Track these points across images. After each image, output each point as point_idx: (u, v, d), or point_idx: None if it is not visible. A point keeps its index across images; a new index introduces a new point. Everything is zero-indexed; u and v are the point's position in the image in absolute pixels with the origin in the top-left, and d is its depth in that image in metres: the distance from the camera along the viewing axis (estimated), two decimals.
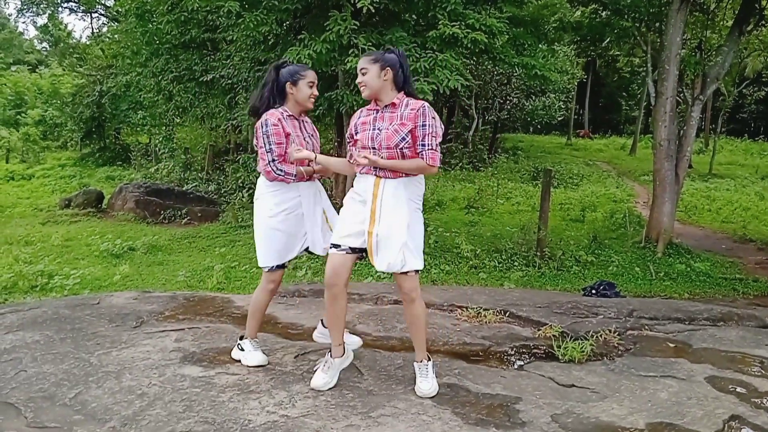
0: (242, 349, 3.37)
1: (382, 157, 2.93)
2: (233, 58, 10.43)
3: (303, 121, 3.31)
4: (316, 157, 3.18)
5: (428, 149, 2.93)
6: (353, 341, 3.40)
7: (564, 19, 12.83)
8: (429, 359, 3.11)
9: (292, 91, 3.18)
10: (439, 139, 2.98)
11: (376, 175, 2.98)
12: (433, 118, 2.96)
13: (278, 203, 3.19)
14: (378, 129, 2.98)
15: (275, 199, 3.20)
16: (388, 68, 2.98)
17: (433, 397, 2.99)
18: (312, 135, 3.33)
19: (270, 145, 3.13)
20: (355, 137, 3.07)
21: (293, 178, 3.16)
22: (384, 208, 2.94)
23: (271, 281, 3.28)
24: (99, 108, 23.11)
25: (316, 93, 3.23)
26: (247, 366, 3.30)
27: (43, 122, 25.69)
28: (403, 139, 2.93)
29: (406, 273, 2.96)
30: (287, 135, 3.14)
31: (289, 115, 3.22)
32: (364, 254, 3.02)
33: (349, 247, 2.99)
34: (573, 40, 16.25)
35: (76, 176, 20.56)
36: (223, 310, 4.46)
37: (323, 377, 3.06)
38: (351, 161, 3.06)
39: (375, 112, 3.06)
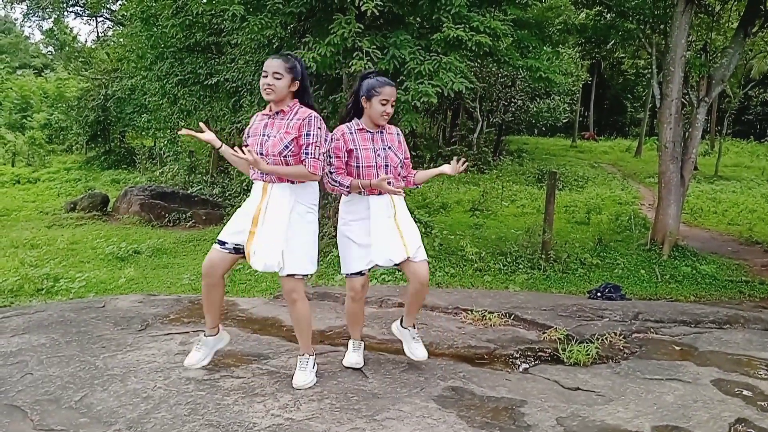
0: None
1: (267, 163, 3.00)
2: (238, 61, 10.45)
3: (377, 133, 3.28)
4: (221, 146, 3.26)
5: (310, 158, 3.03)
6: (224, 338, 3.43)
7: (568, 21, 12.80)
8: (312, 355, 3.24)
9: (366, 105, 3.23)
10: (323, 149, 3.07)
11: (263, 179, 3.09)
12: (319, 128, 3.05)
13: (347, 212, 3.29)
14: (266, 135, 3.07)
15: (345, 208, 3.31)
16: (298, 81, 3.08)
17: (307, 388, 3.10)
18: (388, 147, 3.27)
19: (330, 158, 3.21)
20: (246, 142, 3.18)
21: (346, 189, 3.21)
22: (268, 212, 3.04)
23: (350, 288, 3.33)
24: (104, 111, 23.17)
25: (390, 111, 3.20)
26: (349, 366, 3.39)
27: (48, 126, 25.78)
28: (287, 147, 3.01)
29: (288, 276, 3.06)
30: (349, 151, 3.20)
31: (360, 129, 3.25)
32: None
33: (234, 245, 3.10)
34: (577, 42, 16.25)
35: (82, 180, 20.60)
36: (228, 313, 4.47)
37: (197, 355, 3.22)
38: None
39: (267, 117, 3.13)
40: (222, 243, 3.11)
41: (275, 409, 2.86)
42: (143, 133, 23.07)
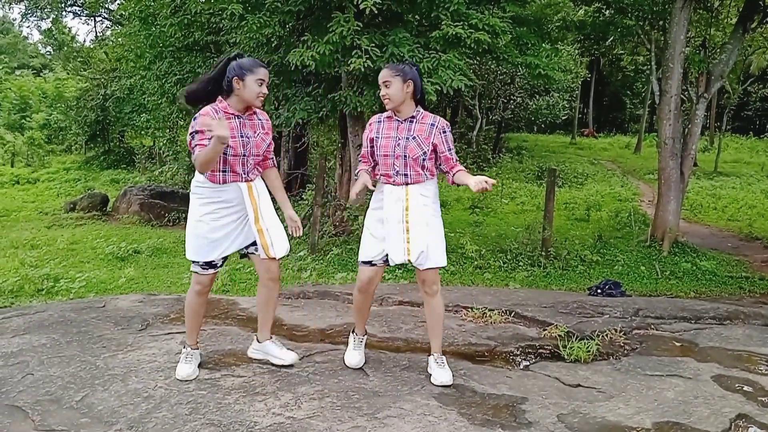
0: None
1: (251, 162, 3.12)
2: None
3: (406, 122, 3.15)
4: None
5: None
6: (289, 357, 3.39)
7: (567, 18, 12.79)
8: (271, 338, 3.36)
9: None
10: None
11: (246, 180, 3.12)
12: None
13: (373, 199, 3.32)
14: (246, 137, 3.08)
15: (373, 194, 3.33)
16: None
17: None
18: (412, 138, 3.11)
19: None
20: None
21: (355, 177, 3.31)
22: (262, 205, 3.16)
23: (357, 277, 3.36)
24: (103, 111, 23.16)
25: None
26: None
27: (47, 126, 25.75)
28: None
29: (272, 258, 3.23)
30: (371, 139, 3.22)
31: (389, 117, 3.20)
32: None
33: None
34: (576, 39, 16.26)
35: (81, 180, 20.60)
36: (228, 312, 4.47)
37: (185, 368, 3.19)
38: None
39: (236, 118, 3.05)
40: (370, 263, 3.25)
41: (276, 407, 2.86)
42: (142, 132, 23.06)
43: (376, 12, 7.76)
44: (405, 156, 3.09)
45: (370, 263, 3.22)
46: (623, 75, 38.09)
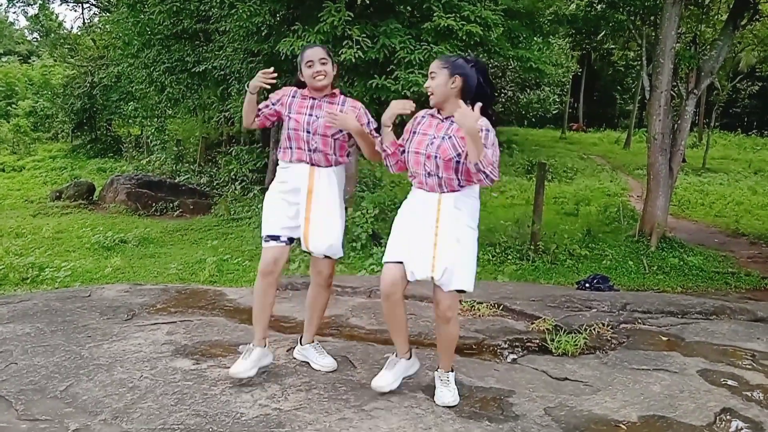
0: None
1: (315, 144, 3.02)
2: (226, 49, 10.36)
3: (445, 120, 2.82)
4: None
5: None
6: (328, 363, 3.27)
7: (559, 11, 12.80)
8: (314, 342, 3.26)
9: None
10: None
11: (309, 162, 3.07)
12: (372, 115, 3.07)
13: (406, 199, 3.00)
14: (315, 116, 3.03)
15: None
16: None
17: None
18: (448, 137, 2.77)
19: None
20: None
21: (382, 151, 3.01)
22: (320, 195, 3.08)
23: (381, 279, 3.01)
24: (90, 99, 22.88)
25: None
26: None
27: (33, 113, 25.44)
28: (340, 131, 3.02)
29: (326, 257, 3.16)
30: (412, 132, 2.89)
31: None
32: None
33: (288, 238, 3.09)
34: (568, 33, 16.28)
35: (67, 168, 20.39)
36: (216, 302, 4.44)
37: (243, 363, 2.99)
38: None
39: (310, 99, 3.09)
40: (275, 237, 3.06)
41: (263, 399, 2.85)
42: (130, 121, 22.86)
43: (367, 2, 7.73)
44: (436, 156, 2.73)
45: (395, 263, 2.84)
46: (614, 70, 38.20)
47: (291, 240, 3.11)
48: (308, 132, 3.03)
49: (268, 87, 3.06)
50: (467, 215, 2.81)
